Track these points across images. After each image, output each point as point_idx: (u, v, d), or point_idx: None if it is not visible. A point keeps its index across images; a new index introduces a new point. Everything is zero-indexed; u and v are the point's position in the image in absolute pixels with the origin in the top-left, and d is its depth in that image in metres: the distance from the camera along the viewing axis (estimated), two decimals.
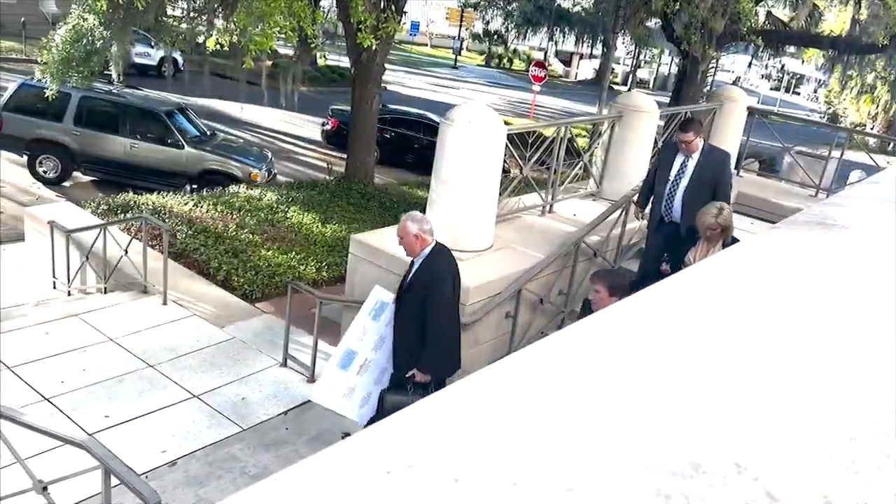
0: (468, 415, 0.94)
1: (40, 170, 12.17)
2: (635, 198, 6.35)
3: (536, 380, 1.07)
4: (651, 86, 49.86)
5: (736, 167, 9.92)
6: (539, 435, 0.92)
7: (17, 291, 8.08)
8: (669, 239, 5.55)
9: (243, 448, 5.17)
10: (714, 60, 17.82)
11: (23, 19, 24.06)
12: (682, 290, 1.57)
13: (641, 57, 47.20)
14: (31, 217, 8.95)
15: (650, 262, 5.73)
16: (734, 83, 39.64)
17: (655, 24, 19.61)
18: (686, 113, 9.15)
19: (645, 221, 6.38)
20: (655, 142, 8.27)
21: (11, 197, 11.47)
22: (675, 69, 35.84)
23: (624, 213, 6.61)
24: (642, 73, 51.44)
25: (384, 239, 6.03)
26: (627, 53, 46.93)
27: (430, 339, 4.40)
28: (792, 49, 22.15)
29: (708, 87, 19.35)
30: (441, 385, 4.61)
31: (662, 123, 9.35)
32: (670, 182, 5.68)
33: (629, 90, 27.17)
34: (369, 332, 4.82)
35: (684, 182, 5.63)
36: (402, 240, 4.49)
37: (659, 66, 51.18)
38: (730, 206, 4.94)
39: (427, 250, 4.45)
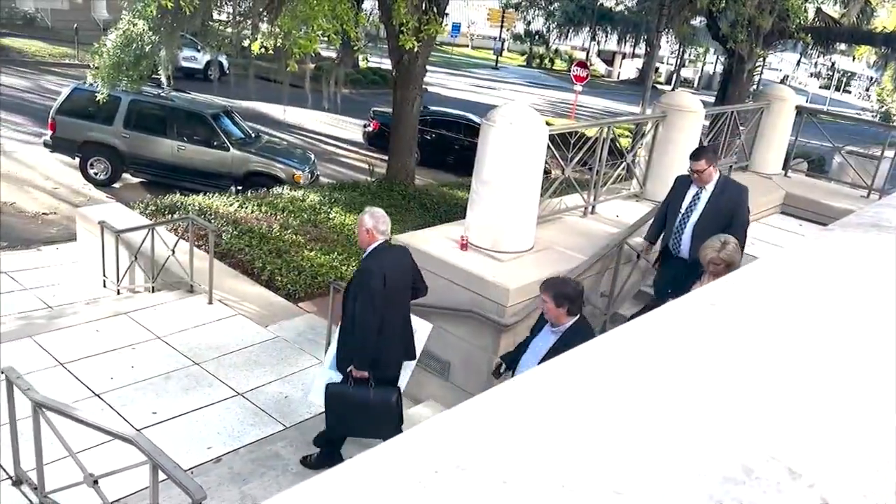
0: (516, 416, 0.94)
1: (91, 171, 12.50)
2: (644, 232, 5.91)
3: (584, 382, 1.06)
4: (696, 85, 49.06)
5: (784, 167, 9.69)
6: (587, 437, 0.91)
7: (69, 290, 8.32)
8: (676, 275, 5.19)
9: (286, 446, 5.23)
10: (761, 59, 17.46)
11: (76, 26, 24.78)
12: (733, 294, 1.54)
13: (686, 56, 46.47)
14: (82, 217, 9.20)
15: (655, 298, 5.49)
16: (782, 82, 38.76)
17: (700, 22, 19.30)
18: (732, 112, 8.98)
19: (643, 261, 6.02)
20: (700, 141, 8.14)
21: (64, 198, 11.82)
22: (720, 68, 35.20)
23: None
24: (687, 73, 50.64)
25: (425, 239, 6.05)
26: (671, 52, 46.22)
27: (348, 331, 4.55)
28: (842, 46, 21.59)
29: (755, 86, 18.98)
30: (385, 380, 4.69)
31: (708, 123, 9.19)
32: (681, 215, 5.33)
33: (673, 89, 26.77)
34: None
35: (695, 216, 5.26)
36: (358, 231, 4.77)
37: (704, 64, 50.31)
38: (736, 242, 4.49)
39: (372, 246, 4.62)
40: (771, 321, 1.42)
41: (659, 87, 40.00)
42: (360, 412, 4.61)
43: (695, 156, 5.32)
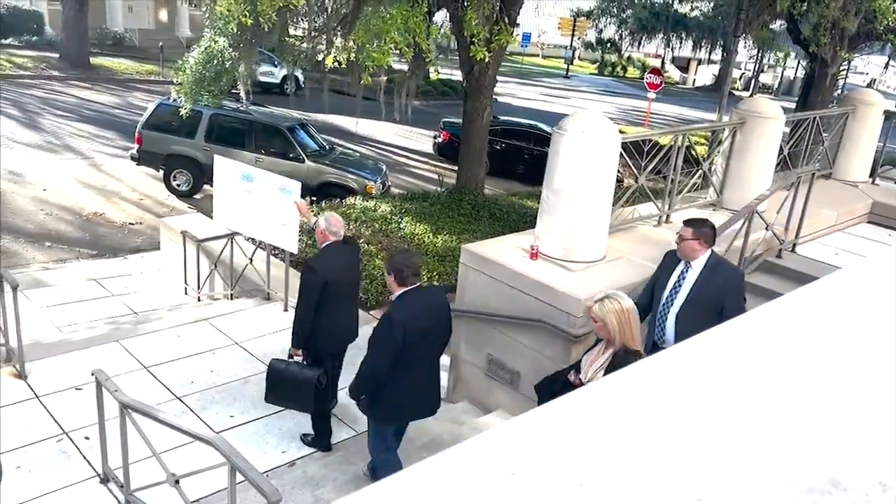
0: (593, 420, 0.93)
1: (174, 183, 13.03)
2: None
3: (663, 388, 1.04)
4: (775, 91, 47.46)
5: (871, 175, 9.27)
6: (666, 443, 0.89)
7: (153, 296, 8.68)
8: None
9: (357, 451, 5.30)
10: (846, 62, 16.78)
11: (161, 44, 25.94)
12: (816, 303, 1.49)
13: (765, 61, 45.01)
14: (166, 227, 9.60)
15: None
16: (869, 86, 37.08)
17: (780, 25, 18.70)
18: (815, 118, 8.65)
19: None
20: (781, 149, 7.87)
21: (149, 209, 12.35)
22: (801, 73, 33.97)
23: (747, 224, 6.32)
24: (766, 78, 49.03)
25: (494, 249, 6.04)
26: (749, 57, 44.87)
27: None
28: None
29: (839, 91, 18.24)
30: (319, 363, 5.14)
31: (788, 130, 8.88)
32: (665, 298, 4.62)
33: (751, 95, 25.99)
34: None
35: (679, 300, 4.55)
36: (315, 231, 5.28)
37: (784, 69, 48.62)
38: (619, 301, 3.81)
39: (323, 245, 5.16)
40: (858, 332, 1.37)
41: (736, 93, 38.90)
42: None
43: (686, 221, 4.64)
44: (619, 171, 6.01)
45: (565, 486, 0.78)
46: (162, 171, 13.10)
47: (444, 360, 6.35)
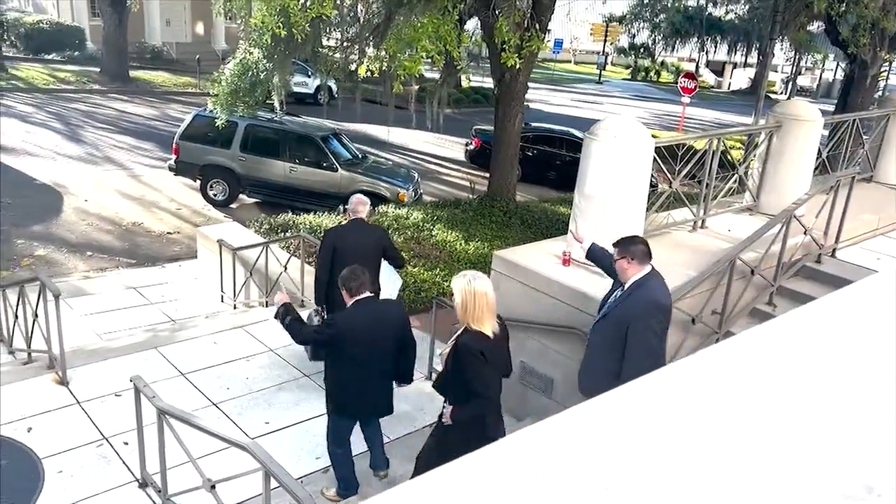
0: (619, 425, 0.92)
1: (211, 193, 13.24)
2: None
3: (691, 394, 1.03)
4: (814, 93, 46.59)
5: None
6: (695, 449, 0.88)
7: (190, 304, 8.82)
8: None
9: (391, 458, 5.31)
10: (886, 63, 16.41)
11: (198, 57, 26.44)
12: (853, 305, 1.45)
13: (802, 63, 44.26)
14: (202, 236, 9.75)
15: None
16: None
17: (818, 27, 18.38)
18: (854, 120, 8.47)
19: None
20: (819, 152, 7.72)
21: (186, 218, 12.57)
22: (840, 75, 33.30)
23: (784, 228, 6.20)
24: (803, 81, 48.11)
25: (526, 255, 6.02)
26: (786, 60, 44.17)
27: None
28: None
29: (879, 93, 17.84)
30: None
31: (827, 133, 8.71)
32: (596, 320, 4.52)
33: (789, 98, 25.55)
34: None
35: (601, 315, 4.45)
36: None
37: (822, 71, 47.71)
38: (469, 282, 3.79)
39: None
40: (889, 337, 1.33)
41: (773, 96, 38.27)
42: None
43: (615, 242, 4.45)
44: (652, 176, 5.95)
45: (590, 490, 0.77)
46: (199, 182, 13.32)
47: None
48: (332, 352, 4.59)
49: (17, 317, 6.55)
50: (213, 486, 3.86)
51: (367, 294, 4.55)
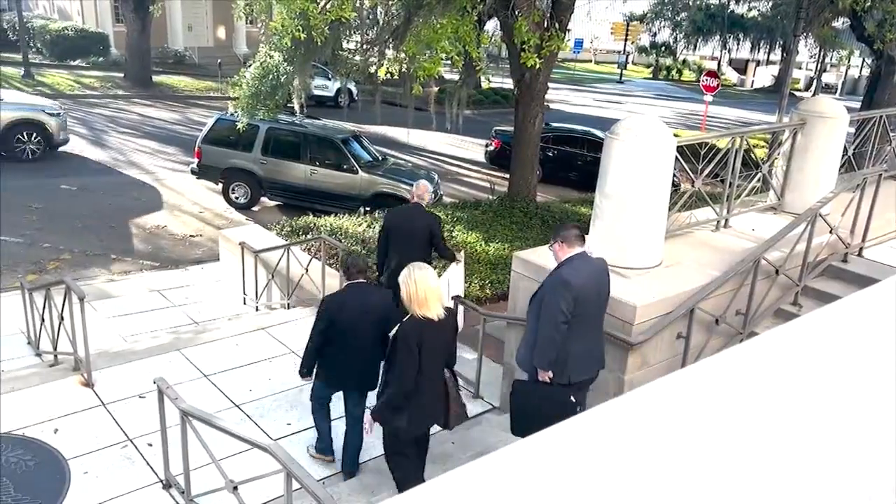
0: (639, 427, 0.90)
1: (233, 196, 13.35)
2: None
3: (714, 393, 1.01)
4: (839, 91, 45.93)
5: None
6: (716, 449, 0.86)
7: (213, 306, 8.89)
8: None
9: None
10: None
11: (219, 61, 26.67)
12: (877, 306, 1.42)
13: (827, 60, 43.63)
14: (224, 239, 9.82)
15: None
16: None
17: (843, 23, 18.12)
18: (881, 117, 8.33)
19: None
20: (845, 149, 7.60)
21: (209, 221, 12.68)
22: (866, 71, 32.79)
23: (810, 227, 6.11)
24: (828, 78, 47.46)
25: (546, 256, 5.98)
26: (810, 57, 43.56)
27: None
28: None
29: None
30: None
31: (853, 130, 8.57)
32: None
33: (813, 95, 25.21)
34: None
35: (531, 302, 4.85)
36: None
37: (848, 68, 47.01)
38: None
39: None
40: None
41: (797, 94, 37.80)
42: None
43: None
44: (674, 175, 5.89)
45: (604, 488, 0.76)
46: (221, 185, 13.43)
47: (497, 368, 6.33)
48: (327, 329, 4.95)
49: (43, 319, 6.64)
50: (235, 488, 3.88)
51: (361, 280, 5.07)
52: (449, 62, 10.61)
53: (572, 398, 4.56)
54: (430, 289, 4.21)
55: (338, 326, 4.92)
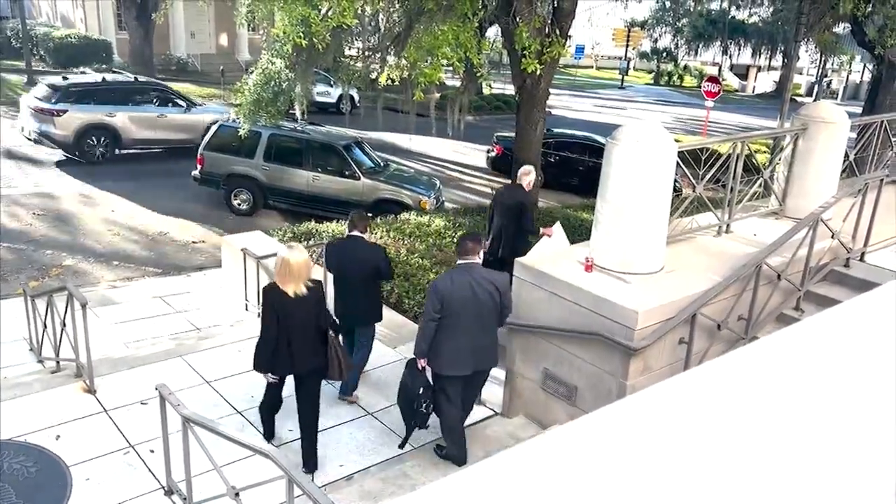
0: (642, 429, 0.90)
1: (235, 202, 13.36)
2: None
3: (716, 396, 1.01)
4: (840, 96, 45.97)
5: None
6: (719, 450, 0.86)
7: (215, 312, 8.89)
8: None
9: (414, 466, 5.30)
10: None
11: (222, 68, 26.74)
12: (882, 306, 1.42)
13: (828, 65, 43.69)
14: (227, 245, 9.83)
15: None
16: None
17: (844, 28, 18.13)
18: (882, 122, 8.33)
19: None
20: (846, 155, 7.60)
21: (211, 227, 12.68)
22: (867, 76, 32.80)
23: (811, 232, 6.11)
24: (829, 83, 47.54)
25: (548, 261, 5.99)
26: (812, 62, 43.64)
27: None
28: None
29: None
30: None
31: (854, 135, 8.57)
32: None
33: (815, 101, 25.22)
34: None
35: None
36: None
37: (849, 73, 47.06)
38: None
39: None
40: None
41: (798, 99, 37.82)
42: None
43: None
44: (676, 180, 5.90)
45: (609, 487, 0.76)
46: (223, 191, 13.44)
47: (500, 373, 6.32)
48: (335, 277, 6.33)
49: (45, 326, 6.64)
50: (237, 494, 3.88)
51: (357, 234, 6.21)
52: (450, 68, 10.63)
53: (423, 389, 5.34)
54: (290, 270, 4.95)
55: (337, 274, 6.31)
